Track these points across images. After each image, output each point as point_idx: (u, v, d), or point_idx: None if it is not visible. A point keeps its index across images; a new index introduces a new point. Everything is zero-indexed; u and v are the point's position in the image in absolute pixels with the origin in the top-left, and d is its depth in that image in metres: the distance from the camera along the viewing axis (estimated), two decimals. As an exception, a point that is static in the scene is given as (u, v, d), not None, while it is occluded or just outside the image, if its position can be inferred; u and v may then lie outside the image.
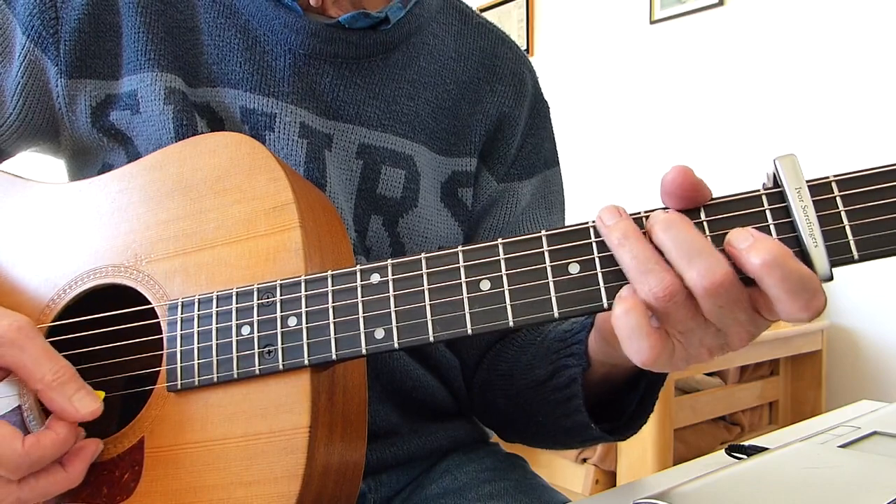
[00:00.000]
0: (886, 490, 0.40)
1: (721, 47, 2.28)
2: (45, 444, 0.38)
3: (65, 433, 0.39)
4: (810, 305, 0.33)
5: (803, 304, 0.32)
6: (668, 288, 0.33)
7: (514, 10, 2.90)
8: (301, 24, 0.57)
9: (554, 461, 1.72)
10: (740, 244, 0.33)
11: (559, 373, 0.50)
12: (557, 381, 0.50)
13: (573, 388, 0.49)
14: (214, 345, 0.42)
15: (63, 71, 0.55)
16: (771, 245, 0.32)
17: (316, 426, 0.40)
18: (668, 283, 0.33)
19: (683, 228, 0.34)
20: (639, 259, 0.34)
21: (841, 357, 2.04)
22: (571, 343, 0.50)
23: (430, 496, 0.60)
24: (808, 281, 0.32)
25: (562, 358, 0.50)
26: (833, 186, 0.34)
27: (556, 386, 0.51)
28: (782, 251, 0.32)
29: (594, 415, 0.49)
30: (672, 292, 0.33)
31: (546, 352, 0.54)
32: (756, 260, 0.32)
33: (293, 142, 0.56)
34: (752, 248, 0.33)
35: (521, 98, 0.67)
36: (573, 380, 0.49)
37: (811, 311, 0.33)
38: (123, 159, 0.56)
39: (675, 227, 0.34)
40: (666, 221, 0.34)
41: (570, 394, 0.49)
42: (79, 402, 0.39)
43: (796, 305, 0.32)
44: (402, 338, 0.38)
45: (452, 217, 0.63)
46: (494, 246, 0.38)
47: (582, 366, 0.48)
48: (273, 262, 0.42)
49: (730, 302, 0.34)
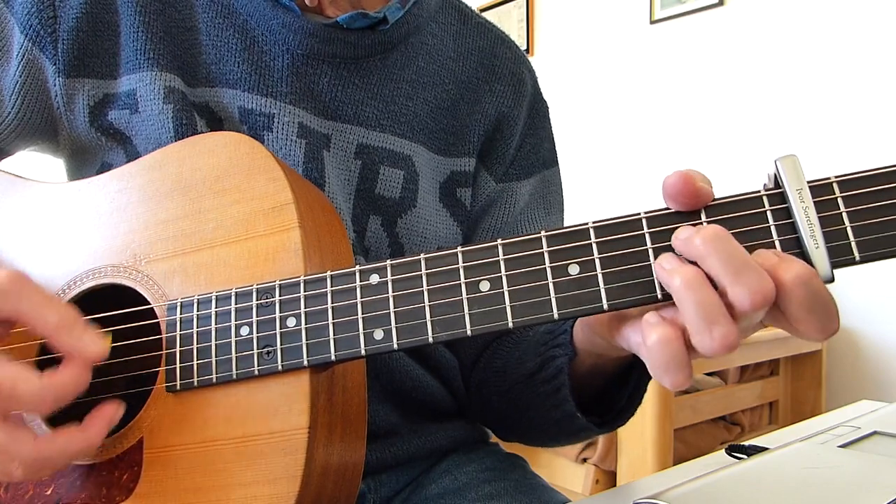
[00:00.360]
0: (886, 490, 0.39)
1: (721, 47, 2.28)
2: (63, 379, 0.37)
3: (78, 370, 0.38)
4: (828, 327, 0.33)
5: (823, 326, 0.33)
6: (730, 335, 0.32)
7: (514, 10, 2.90)
8: (299, 24, 0.57)
9: (554, 461, 1.72)
10: (767, 262, 0.33)
11: (547, 364, 0.50)
12: (545, 372, 0.51)
13: (560, 378, 0.49)
14: (213, 345, 0.42)
15: (61, 70, 0.55)
16: (799, 265, 0.32)
17: (315, 427, 0.39)
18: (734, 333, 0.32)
19: (730, 243, 0.33)
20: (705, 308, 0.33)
21: (841, 357, 2.04)
22: (558, 334, 0.50)
23: (430, 496, 0.60)
24: (830, 303, 0.33)
25: (549, 349, 0.50)
26: (834, 187, 0.34)
27: (544, 378, 0.51)
28: (809, 271, 0.32)
29: (585, 410, 0.49)
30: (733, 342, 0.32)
31: (535, 345, 0.54)
32: (788, 277, 0.32)
33: (291, 142, 0.56)
34: (782, 266, 0.32)
35: (520, 98, 0.67)
36: (560, 370, 0.49)
37: (828, 333, 0.33)
38: (122, 159, 0.56)
39: (722, 241, 0.33)
40: (713, 236, 0.33)
41: (558, 384, 0.49)
42: (89, 341, 0.39)
43: (815, 326, 0.33)
44: (402, 339, 0.38)
45: (451, 217, 0.63)
46: (494, 247, 0.38)
47: (568, 355, 0.48)
48: (272, 263, 0.42)
49: (759, 317, 0.33)
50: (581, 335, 0.47)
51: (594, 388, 0.51)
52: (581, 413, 0.49)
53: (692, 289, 0.33)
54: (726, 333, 0.32)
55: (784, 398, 2.02)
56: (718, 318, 0.32)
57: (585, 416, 0.49)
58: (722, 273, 0.33)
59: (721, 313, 0.32)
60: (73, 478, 0.44)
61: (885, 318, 1.95)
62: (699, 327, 0.33)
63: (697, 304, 0.33)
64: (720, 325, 0.32)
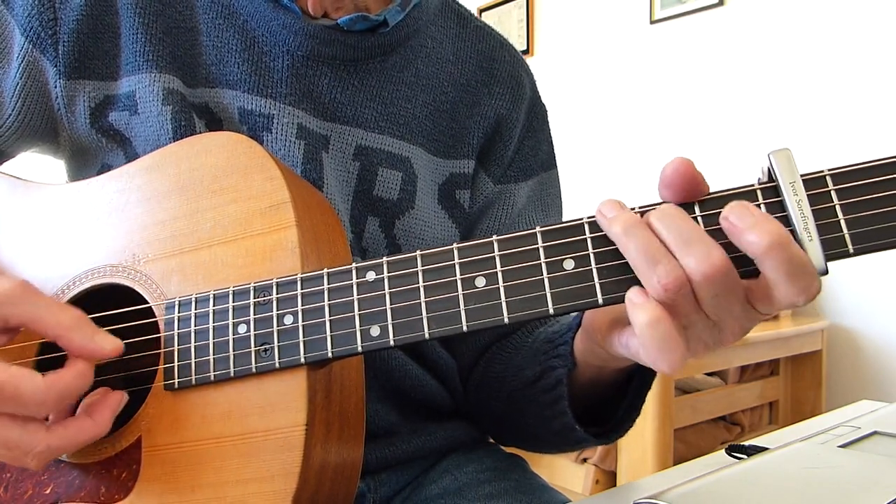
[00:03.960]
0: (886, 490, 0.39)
1: (721, 47, 2.29)
2: (66, 379, 0.38)
3: (84, 367, 0.39)
4: (809, 289, 0.33)
5: (802, 288, 0.32)
6: (679, 277, 0.33)
7: (514, 10, 2.90)
8: (299, 26, 0.57)
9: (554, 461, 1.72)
10: (741, 221, 0.33)
11: (546, 374, 0.51)
12: (545, 382, 0.51)
13: (559, 389, 0.49)
14: (211, 343, 0.42)
15: (62, 72, 0.55)
16: (774, 226, 0.32)
17: (312, 424, 0.40)
18: (678, 272, 0.33)
19: (679, 217, 0.34)
20: (646, 249, 0.33)
21: (841, 357, 2.04)
22: (558, 344, 0.50)
23: (430, 496, 0.60)
24: (807, 264, 0.32)
25: (549, 359, 0.51)
26: (828, 180, 0.34)
27: (543, 387, 0.51)
28: (784, 233, 0.32)
29: (583, 421, 0.49)
30: (682, 281, 0.33)
31: (535, 353, 0.54)
32: (761, 240, 0.32)
33: (290, 143, 0.56)
34: (755, 228, 0.32)
35: (519, 101, 0.67)
36: (559, 381, 0.49)
37: (808, 295, 0.33)
38: (122, 160, 0.56)
39: (671, 216, 0.34)
40: (662, 211, 0.34)
41: (557, 395, 0.49)
42: (101, 340, 0.40)
43: (794, 289, 0.32)
44: (398, 335, 0.38)
45: (449, 219, 0.63)
46: (489, 243, 0.38)
47: (567, 367, 0.48)
48: (270, 261, 0.42)
49: (726, 290, 0.33)
50: (581, 346, 0.47)
51: (593, 400, 0.51)
52: (579, 425, 0.49)
53: (631, 233, 0.34)
54: (669, 270, 0.33)
55: (784, 398, 2.02)
56: (659, 256, 0.33)
57: (584, 427, 0.49)
58: (674, 246, 0.33)
59: (661, 252, 0.33)
60: (71, 477, 0.44)
61: (885, 318, 1.95)
62: (643, 269, 0.34)
63: (637, 247, 0.34)
64: (662, 262, 0.33)
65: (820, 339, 1.98)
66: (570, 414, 0.49)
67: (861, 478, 0.44)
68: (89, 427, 0.40)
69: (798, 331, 1.90)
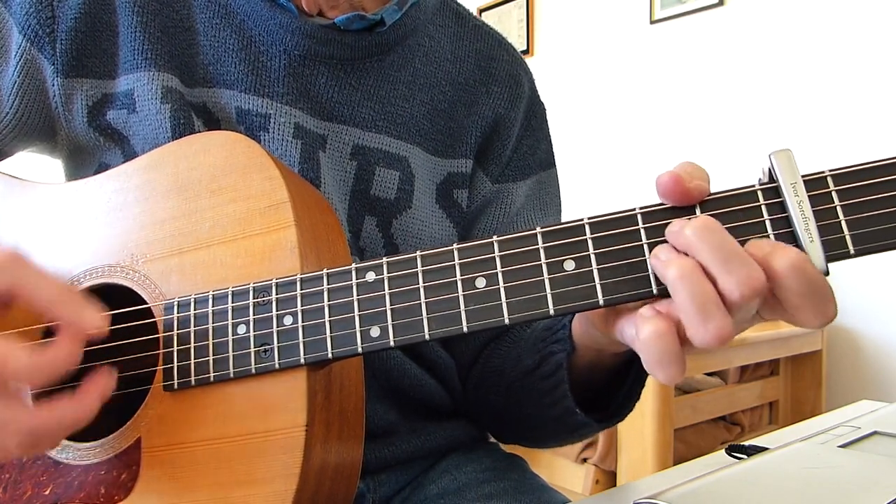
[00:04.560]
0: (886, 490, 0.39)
1: (721, 47, 2.28)
2: (53, 353, 0.37)
3: (69, 344, 0.38)
4: (826, 312, 0.33)
5: (820, 311, 0.33)
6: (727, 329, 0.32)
7: (514, 10, 2.90)
8: (296, 25, 0.57)
9: (554, 461, 1.71)
10: (760, 251, 0.33)
11: (546, 360, 0.50)
12: (544, 369, 0.50)
13: (559, 374, 0.49)
14: (210, 344, 0.42)
15: (59, 70, 0.55)
16: (792, 252, 0.32)
17: (312, 424, 0.39)
18: (728, 328, 0.32)
19: (720, 234, 0.33)
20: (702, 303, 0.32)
21: (841, 357, 2.04)
22: (557, 330, 0.50)
23: (430, 496, 0.60)
24: (825, 288, 0.33)
25: (548, 345, 0.50)
26: (829, 181, 0.34)
27: (543, 374, 0.51)
28: (802, 257, 0.32)
29: (583, 407, 0.49)
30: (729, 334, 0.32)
31: (534, 342, 0.54)
32: (781, 265, 0.32)
33: (287, 142, 0.56)
34: (775, 255, 0.32)
35: (517, 100, 0.67)
36: (559, 366, 0.49)
37: (826, 318, 0.33)
38: (120, 159, 0.56)
39: (712, 233, 0.33)
40: (703, 227, 0.33)
41: (557, 380, 0.49)
42: (88, 315, 0.39)
43: (813, 312, 0.33)
44: (398, 336, 0.38)
45: (447, 218, 0.63)
46: (490, 243, 0.38)
47: (566, 350, 0.48)
48: (269, 261, 0.42)
49: (752, 308, 0.33)
50: (579, 329, 0.47)
51: (593, 384, 0.51)
52: (580, 410, 0.49)
53: (687, 279, 0.33)
54: (721, 325, 0.32)
55: (784, 398, 2.02)
56: (713, 309, 0.32)
57: (584, 412, 0.49)
58: (712, 263, 0.33)
59: (715, 305, 0.32)
60: (71, 477, 0.44)
61: (885, 318, 1.95)
62: (694, 319, 0.33)
63: (692, 295, 0.32)
64: (715, 316, 0.32)
65: (820, 339, 1.98)
66: (570, 397, 0.48)
67: (861, 478, 0.44)
68: (74, 408, 0.38)
69: (798, 331, 1.90)
